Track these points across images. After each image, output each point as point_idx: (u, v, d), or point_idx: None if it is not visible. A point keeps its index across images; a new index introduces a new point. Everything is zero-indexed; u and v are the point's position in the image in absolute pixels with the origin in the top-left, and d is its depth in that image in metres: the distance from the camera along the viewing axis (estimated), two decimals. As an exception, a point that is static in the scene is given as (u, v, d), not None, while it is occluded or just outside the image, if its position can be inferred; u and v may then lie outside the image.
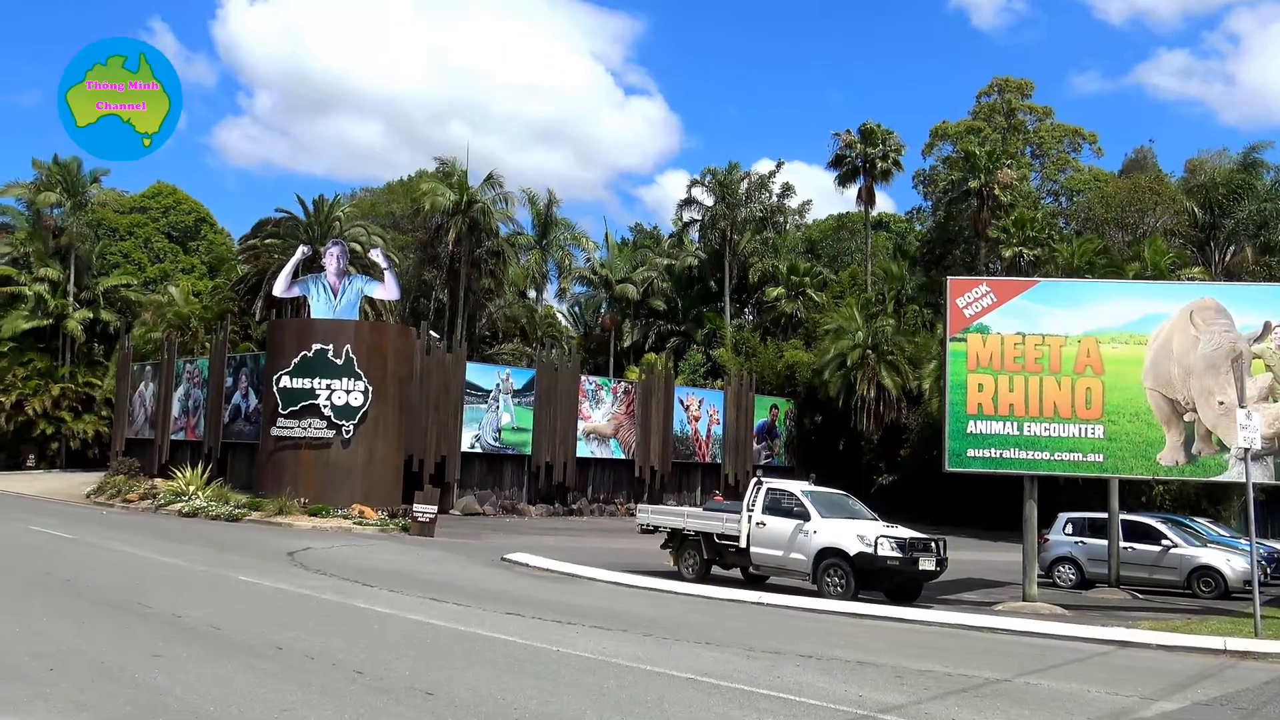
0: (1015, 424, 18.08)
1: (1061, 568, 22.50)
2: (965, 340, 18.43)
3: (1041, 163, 60.37)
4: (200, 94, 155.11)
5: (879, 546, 16.71)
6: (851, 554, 16.88)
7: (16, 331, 49.15)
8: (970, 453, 18.27)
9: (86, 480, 39.09)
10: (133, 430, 40.35)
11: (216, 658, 9.15)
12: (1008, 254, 44.49)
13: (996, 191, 46.89)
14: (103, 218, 57.31)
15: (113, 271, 55.57)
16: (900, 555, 16.75)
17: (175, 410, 37.55)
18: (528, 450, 35.57)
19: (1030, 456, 18.05)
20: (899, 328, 44.62)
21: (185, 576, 15.33)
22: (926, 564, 17.08)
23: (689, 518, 19.99)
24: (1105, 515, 21.64)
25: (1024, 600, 17.90)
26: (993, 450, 18.15)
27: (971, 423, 18.22)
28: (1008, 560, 23.82)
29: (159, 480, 33.48)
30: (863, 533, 17.08)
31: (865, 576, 16.94)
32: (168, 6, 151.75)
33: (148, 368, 40.54)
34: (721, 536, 18.80)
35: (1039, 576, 19.23)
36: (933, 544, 17.39)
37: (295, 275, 32.60)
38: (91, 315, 51.65)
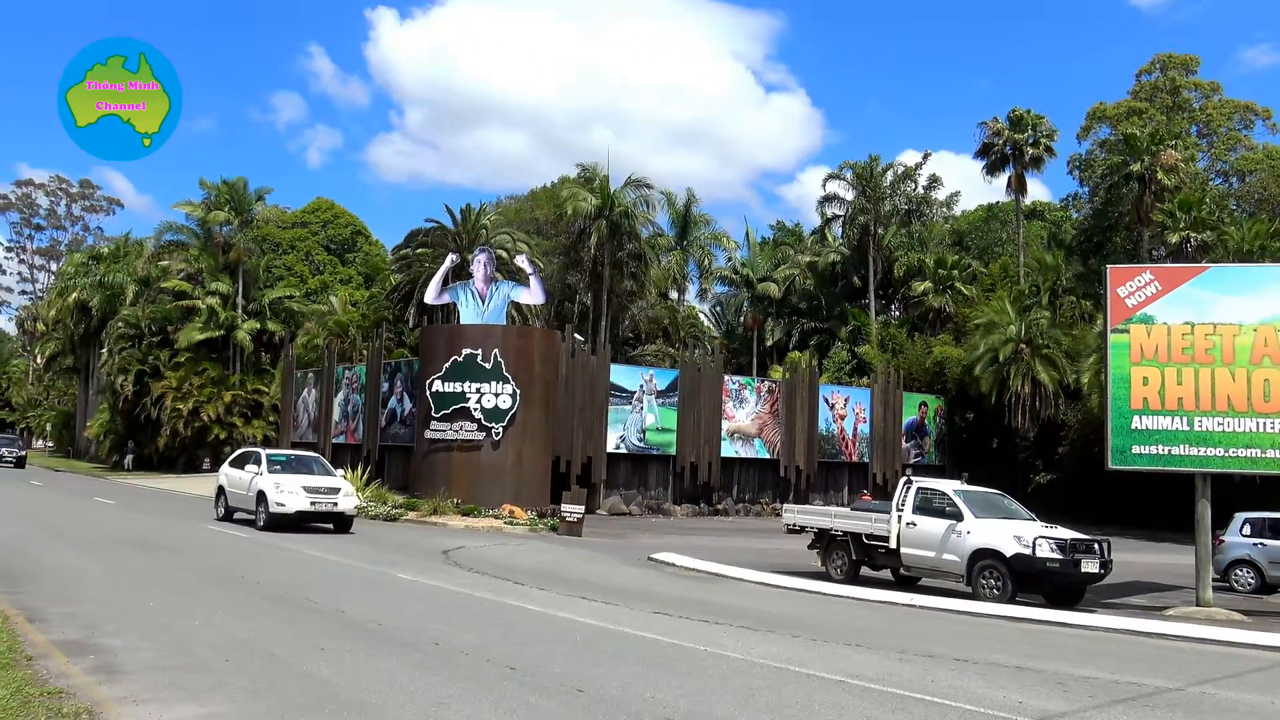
0: (1185, 419, 17.09)
1: (1239, 571, 21.18)
2: (1128, 332, 17.54)
3: (1209, 142, 56.86)
4: (355, 114, 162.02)
5: (1037, 548, 16.08)
6: (1008, 555, 16.31)
7: (192, 342, 52.40)
8: (1135, 450, 17.38)
9: (257, 482, 41.22)
10: (297, 434, 42.38)
11: (377, 652, 9.51)
12: (1173, 239, 42.10)
13: (1160, 174, 44.45)
14: (267, 233, 60.54)
15: (277, 284, 58.70)
16: (1061, 557, 16.08)
17: (336, 415, 39.26)
18: (672, 450, 35.71)
19: (1202, 453, 17.02)
20: (1055, 320, 42.82)
21: (348, 574, 16.00)
22: (1089, 566, 16.33)
23: (836, 518, 19.69)
24: (1288, 515, 20.26)
25: (1197, 605, 16.90)
26: (1160, 447, 17.21)
27: (1136, 418, 17.33)
28: (1177, 563, 22.57)
29: (322, 482, 35.01)
30: (1020, 533, 16.47)
31: (1023, 579, 16.33)
32: (324, 31, 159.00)
33: (310, 374, 42.52)
34: (870, 537, 18.45)
35: (1213, 580, 18.11)
36: (1096, 545, 16.62)
37: (445, 283, 33.64)
38: (258, 325, 54.58)
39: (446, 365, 30.83)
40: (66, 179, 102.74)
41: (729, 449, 37.11)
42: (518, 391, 30.62)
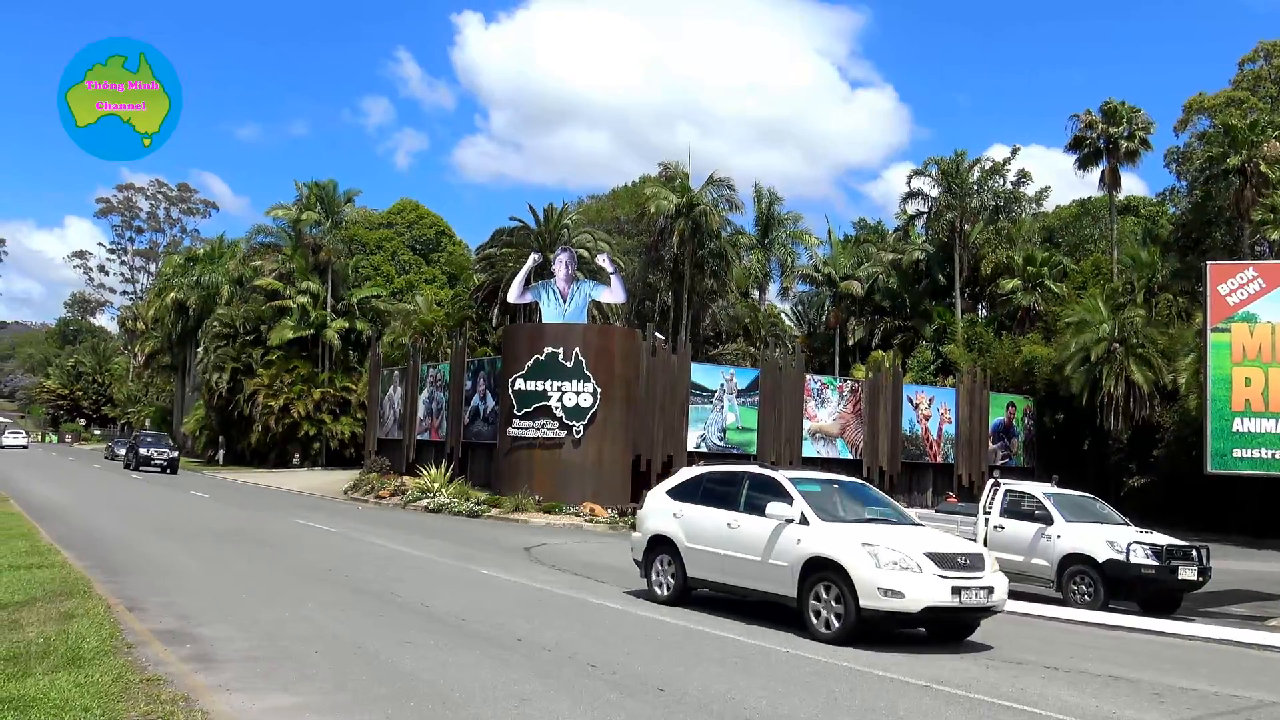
0: (1289, 421, 16.41)
1: (1348, 581, 20.27)
2: (1229, 330, 16.93)
3: (1316, 133, 54.44)
4: (441, 118, 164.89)
5: (1131, 553, 15.61)
6: (1100, 561, 15.86)
7: (283, 341, 53.89)
8: (1236, 453, 16.77)
9: (343, 477, 42.24)
10: (383, 431, 43.18)
11: (460, 647, 9.64)
12: (1275, 235, 40.46)
13: (1263, 167, 42.67)
14: (355, 234, 61.95)
15: (364, 283, 60.01)
16: (1156, 563, 15.59)
17: (421, 412, 39.90)
18: (753, 450, 35.47)
19: (1308, 457, 16.33)
20: (1150, 319, 41.47)
21: (432, 569, 16.25)
22: (1186, 573, 15.80)
23: (921, 520, 19.37)
24: (1402, 523, 19.31)
25: (1303, 616, 16.24)
26: (1263, 450, 16.57)
27: (1237, 420, 16.71)
28: (1282, 571, 21.70)
29: (407, 478, 35.70)
30: (1113, 538, 16.01)
31: (1116, 585, 15.87)
32: (411, 36, 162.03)
33: (396, 372, 43.30)
34: (956, 540, 18.11)
35: (1321, 590, 17.39)
36: (1193, 551, 16.10)
37: (527, 282, 33.96)
38: (347, 325, 55.87)
39: (528, 364, 31.12)
40: (166, 182, 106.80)
41: (810, 449, 36.75)
42: (598, 390, 30.76)
